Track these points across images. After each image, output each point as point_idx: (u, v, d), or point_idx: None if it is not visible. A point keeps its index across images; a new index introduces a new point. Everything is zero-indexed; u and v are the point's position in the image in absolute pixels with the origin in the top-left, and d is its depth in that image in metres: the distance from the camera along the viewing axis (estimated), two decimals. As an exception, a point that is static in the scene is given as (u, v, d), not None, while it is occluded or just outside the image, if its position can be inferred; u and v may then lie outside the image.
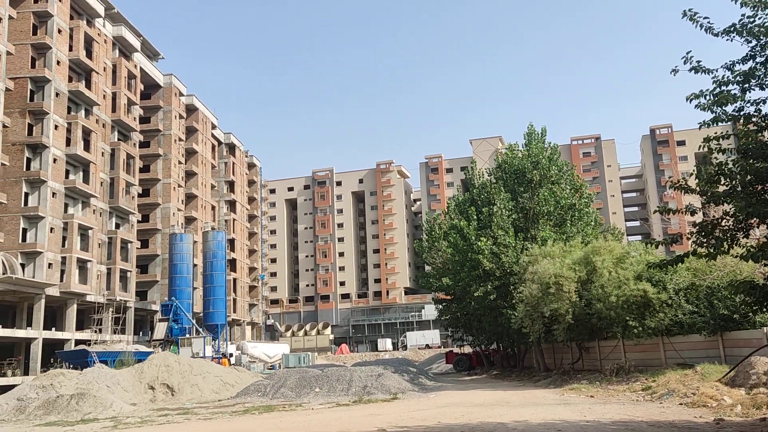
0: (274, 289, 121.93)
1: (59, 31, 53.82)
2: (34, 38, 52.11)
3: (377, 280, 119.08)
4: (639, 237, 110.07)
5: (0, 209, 47.75)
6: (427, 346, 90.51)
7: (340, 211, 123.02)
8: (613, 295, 24.85)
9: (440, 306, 48.11)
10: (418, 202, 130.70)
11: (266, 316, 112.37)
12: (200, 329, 60.79)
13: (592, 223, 38.10)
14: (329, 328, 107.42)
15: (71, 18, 56.27)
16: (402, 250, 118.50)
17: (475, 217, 38.15)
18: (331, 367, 34.96)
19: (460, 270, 38.43)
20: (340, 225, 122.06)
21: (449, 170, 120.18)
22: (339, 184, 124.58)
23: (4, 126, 48.13)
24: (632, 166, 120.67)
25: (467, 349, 53.13)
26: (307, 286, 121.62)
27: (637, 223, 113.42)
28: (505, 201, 36.74)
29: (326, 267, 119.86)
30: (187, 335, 57.56)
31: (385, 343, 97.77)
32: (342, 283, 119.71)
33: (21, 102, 50.99)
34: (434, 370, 53.32)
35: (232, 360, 58.16)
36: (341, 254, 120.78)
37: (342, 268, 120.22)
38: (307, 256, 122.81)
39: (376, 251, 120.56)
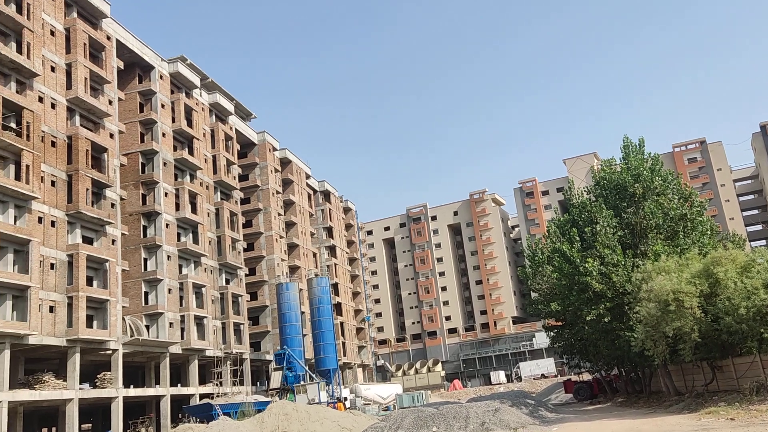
0: (380, 329, 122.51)
1: (162, 106, 58.08)
2: (141, 115, 56.49)
3: (483, 312, 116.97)
4: (763, 242, 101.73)
5: (124, 276, 51.28)
6: (543, 376, 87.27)
7: (438, 245, 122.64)
8: (742, 307, 23.04)
9: (551, 333, 46.42)
10: (516, 229, 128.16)
11: (376, 357, 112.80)
12: (313, 375, 61.81)
13: (708, 233, 35.74)
14: (439, 364, 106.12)
15: (172, 92, 60.63)
16: (505, 278, 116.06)
17: (577, 238, 36.81)
18: (446, 405, 34.39)
19: (568, 294, 37.02)
20: (440, 259, 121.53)
21: (545, 192, 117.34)
22: (434, 218, 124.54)
23: (122, 199, 52.07)
24: (745, 167, 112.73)
25: (586, 377, 50.68)
26: (413, 323, 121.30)
27: (759, 227, 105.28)
28: (608, 218, 35.25)
29: (430, 303, 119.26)
30: (302, 382, 58.65)
31: (499, 376, 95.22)
32: (447, 318, 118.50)
33: (134, 175, 55.15)
34: (553, 401, 51.15)
35: (347, 404, 58.53)
36: (443, 289, 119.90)
37: (446, 303, 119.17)
38: (409, 294, 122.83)
39: (479, 282, 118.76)
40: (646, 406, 32.00)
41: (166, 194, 55.89)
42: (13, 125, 39.91)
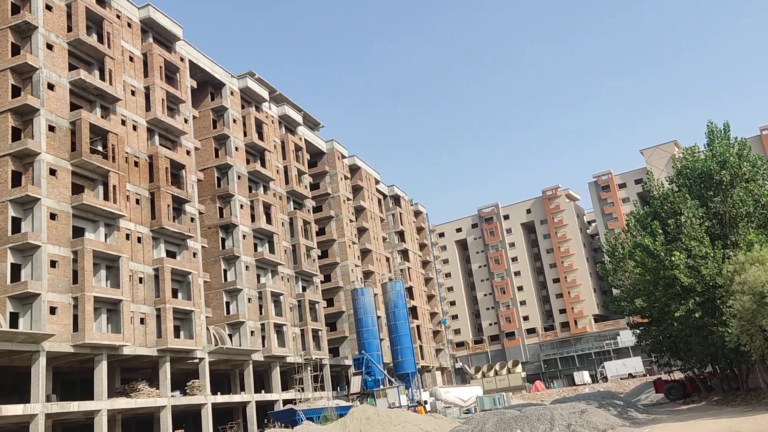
0: (457, 331, 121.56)
1: (234, 121, 59.96)
2: (215, 131, 58.52)
3: (562, 311, 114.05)
4: None
5: (206, 287, 53.18)
6: (630, 376, 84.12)
7: (512, 244, 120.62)
8: None
9: (637, 330, 44.65)
10: (593, 224, 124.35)
11: (454, 360, 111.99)
12: (392, 379, 61.99)
13: (806, 218, 33.41)
14: (519, 365, 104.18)
15: (242, 107, 62.52)
16: (584, 275, 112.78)
17: (660, 230, 35.24)
18: (528, 407, 33.68)
19: (653, 289, 35.49)
20: (514, 259, 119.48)
21: (622, 185, 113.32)
22: (506, 217, 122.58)
23: (201, 213, 54.03)
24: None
25: (677, 375, 48.46)
26: (490, 324, 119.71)
27: None
28: (693, 209, 33.60)
29: (506, 303, 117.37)
30: (381, 386, 58.96)
31: (582, 376, 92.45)
32: (525, 318, 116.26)
33: (211, 189, 57.17)
34: (643, 401, 49.18)
35: (428, 407, 58.34)
36: (520, 288, 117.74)
37: (523, 303, 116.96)
38: (485, 295, 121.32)
39: (556, 281, 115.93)
40: (744, 405, 30.25)
41: (241, 206, 57.59)
42: (99, 148, 42.19)
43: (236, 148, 59.16)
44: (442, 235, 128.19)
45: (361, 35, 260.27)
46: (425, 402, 60.54)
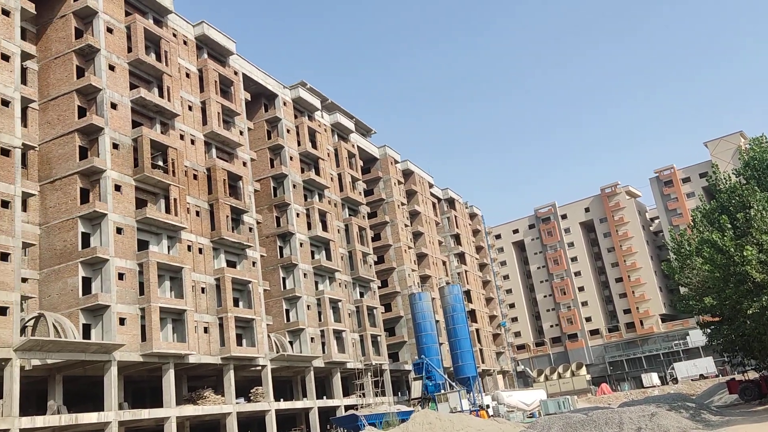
0: (517, 334, 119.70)
1: (288, 131, 60.96)
2: (269, 142, 59.64)
3: (626, 311, 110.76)
4: None
5: (266, 295, 54.11)
6: (702, 377, 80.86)
7: (571, 244, 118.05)
8: None
9: (708, 330, 42.78)
10: (656, 221, 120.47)
11: (515, 363, 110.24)
12: (453, 383, 61.52)
13: None
14: (583, 368, 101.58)
15: (295, 117, 63.52)
16: (648, 274, 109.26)
17: (729, 225, 33.72)
18: (595, 410, 32.78)
19: (723, 287, 33.91)
20: (574, 259, 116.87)
21: (685, 180, 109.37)
22: (564, 217, 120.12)
23: (258, 222, 55.09)
24: None
25: (752, 375, 46.18)
26: (551, 326, 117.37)
27: None
28: (763, 201, 32.02)
29: (567, 304, 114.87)
30: (442, 391, 58.58)
31: (651, 378, 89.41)
32: (588, 319, 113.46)
33: (267, 199, 58.26)
34: (716, 403, 47.10)
35: (490, 411, 57.59)
36: (581, 289, 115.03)
37: (585, 304, 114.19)
38: (545, 296, 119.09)
39: (619, 280, 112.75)
40: (828, 406, 28.52)
41: (297, 215, 58.42)
42: (160, 163, 43.63)
43: (291, 158, 60.10)
44: (498, 236, 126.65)
45: (410, 37, 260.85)
46: (487, 406, 59.81)
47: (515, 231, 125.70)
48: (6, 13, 34.93)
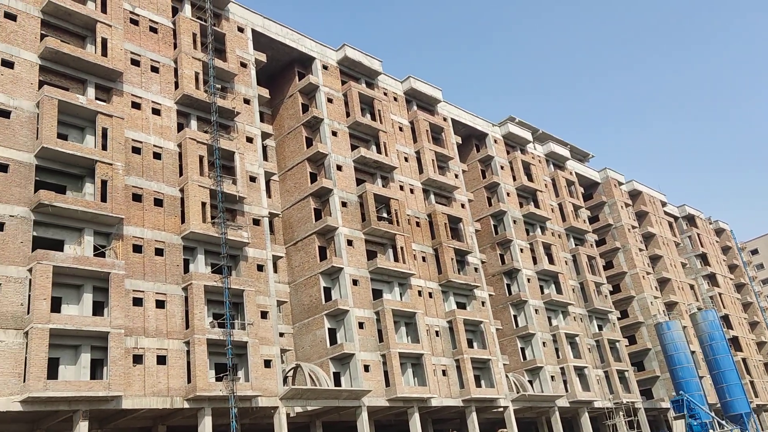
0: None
1: (501, 168, 60.67)
2: (485, 181, 59.84)
3: None
4: None
5: (498, 334, 53.33)
6: None
7: None
8: None
9: None
10: None
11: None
12: (723, 422, 54.07)
13: None
14: None
15: (507, 152, 63.07)
16: None
17: None
18: None
19: None
20: None
21: None
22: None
23: (483, 262, 55.04)
24: None
25: None
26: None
27: None
28: None
29: None
30: (710, 430, 51.78)
31: None
32: None
33: (489, 237, 58.11)
34: None
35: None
36: None
37: None
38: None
39: None
40: None
41: (521, 250, 57.24)
42: (384, 215, 46.10)
43: (507, 194, 59.56)
44: (755, 252, 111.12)
45: (624, 49, 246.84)
46: (771, 448, 51.33)
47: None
48: (247, 101, 40.26)
